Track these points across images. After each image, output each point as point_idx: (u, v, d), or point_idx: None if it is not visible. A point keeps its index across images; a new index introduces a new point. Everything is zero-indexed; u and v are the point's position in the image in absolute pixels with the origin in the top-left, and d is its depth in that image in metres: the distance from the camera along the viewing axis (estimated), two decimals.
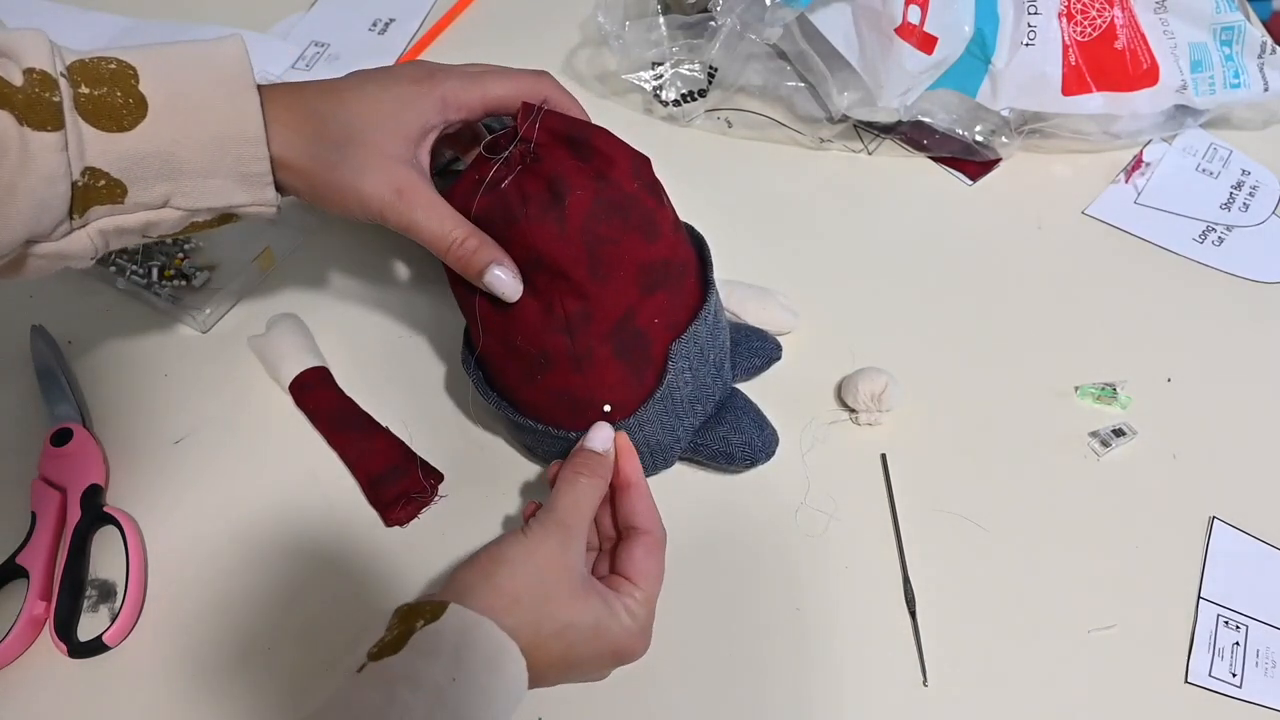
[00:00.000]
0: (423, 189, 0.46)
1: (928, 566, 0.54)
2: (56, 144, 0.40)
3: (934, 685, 0.50)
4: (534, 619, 0.41)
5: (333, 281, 0.66)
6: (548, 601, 0.42)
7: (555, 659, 0.42)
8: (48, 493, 0.54)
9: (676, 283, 0.51)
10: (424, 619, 0.39)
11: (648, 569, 0.45)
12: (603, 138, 0.48)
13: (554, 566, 0.42)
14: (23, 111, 0.39)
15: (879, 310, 0.65)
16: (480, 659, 0.38)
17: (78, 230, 0.43)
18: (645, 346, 0.50)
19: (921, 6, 0.67)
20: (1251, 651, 0.52)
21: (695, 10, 0.75)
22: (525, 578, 0.42)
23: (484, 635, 0.39)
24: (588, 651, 0.43)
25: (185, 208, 0.44)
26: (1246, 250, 0.70)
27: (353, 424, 0.58)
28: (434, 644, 0.38)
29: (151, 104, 0.41)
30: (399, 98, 0.46)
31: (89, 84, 0.40)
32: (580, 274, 0.47)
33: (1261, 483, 0.58)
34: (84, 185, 0.41)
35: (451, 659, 0.38)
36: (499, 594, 0.41)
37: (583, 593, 0.43)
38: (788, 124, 0.75)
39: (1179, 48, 0.73)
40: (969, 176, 0.74)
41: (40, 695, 0.49)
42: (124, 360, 0.62)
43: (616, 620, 0.43)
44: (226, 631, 0.51)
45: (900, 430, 0.59)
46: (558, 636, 0.42)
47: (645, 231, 0.48)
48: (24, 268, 0.43)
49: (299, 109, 0.45)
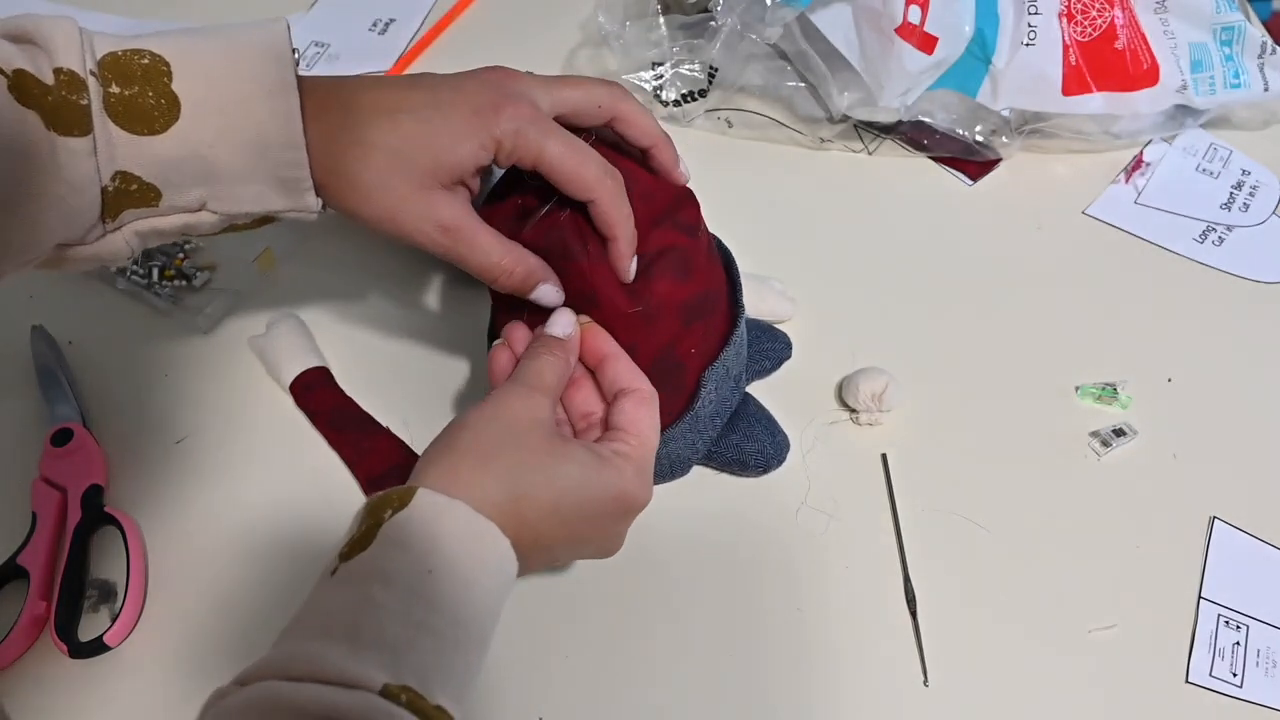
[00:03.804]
0: (468, 225, 0.44)
1: (928, 566, 0.54)
2: (85, 149, 0.38)
3: (934, 685, 0.50)
4: (510, 479, 0.38)
5: (333, 281, 0.66)
6: (521, 452, 0.39)
7: (545, 518, 0.39)
8: (48, 493, 0.54)
9: (712, 311, 0.51)
10: (391, 508, 0.37)
11: (638, 418, 0.43)
12: (648, 182, 0.48)
13: (521, 419, 0.40)
14: (50, 115, 0.38)
15: (880, 310, 0.65)
16: (457, 545, 0.36)
17: (112, 233, 0.41)
18: (680, 375, 0.50)
19: (922, 6, 0.67)
20: (1252, 651, 0.52)
21: (695, 10, 0.75)
22: (492, 435, 0.39)
23: (458, 518, 0.37)
24: (581, 502, 0.40)
25: (222, 212, 0.43)
26: (1246, 250, 0.70)
27: (353, 424, 0.58)
28: (404, 534, 0.36)
29: (185, 105, 0.39)
30: (452, 132, 0.42)
31: (120, 83, 0.39)
32: (632, 316, 0.47)
33: (1262, 483, 0.58)
34: (115, 190, 0.40)
35: (425, 548, 0.36)
36: (465, 458, 0.39)
37: (561, 442, 0.40)
38: (788, 124, 0.75)
39: (1179, 48, 0.73)
40: (969, 176, 0.74)
41: (41, 695, 0.49)
42: (124, 360, 0.62)
43: (608, 464, 0.40)
44: (227, 632, 0.51)
45: (900, 430, 0.59)
46: (544, 488, 0.39)
47: (685, 271, 0.48)
48: (61, 266, 0.42)
49: (346, 132, 0.42)
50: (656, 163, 0.49)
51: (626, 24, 0.75)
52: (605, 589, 0.53)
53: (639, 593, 0.53)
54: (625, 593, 0.53)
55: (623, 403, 0.44)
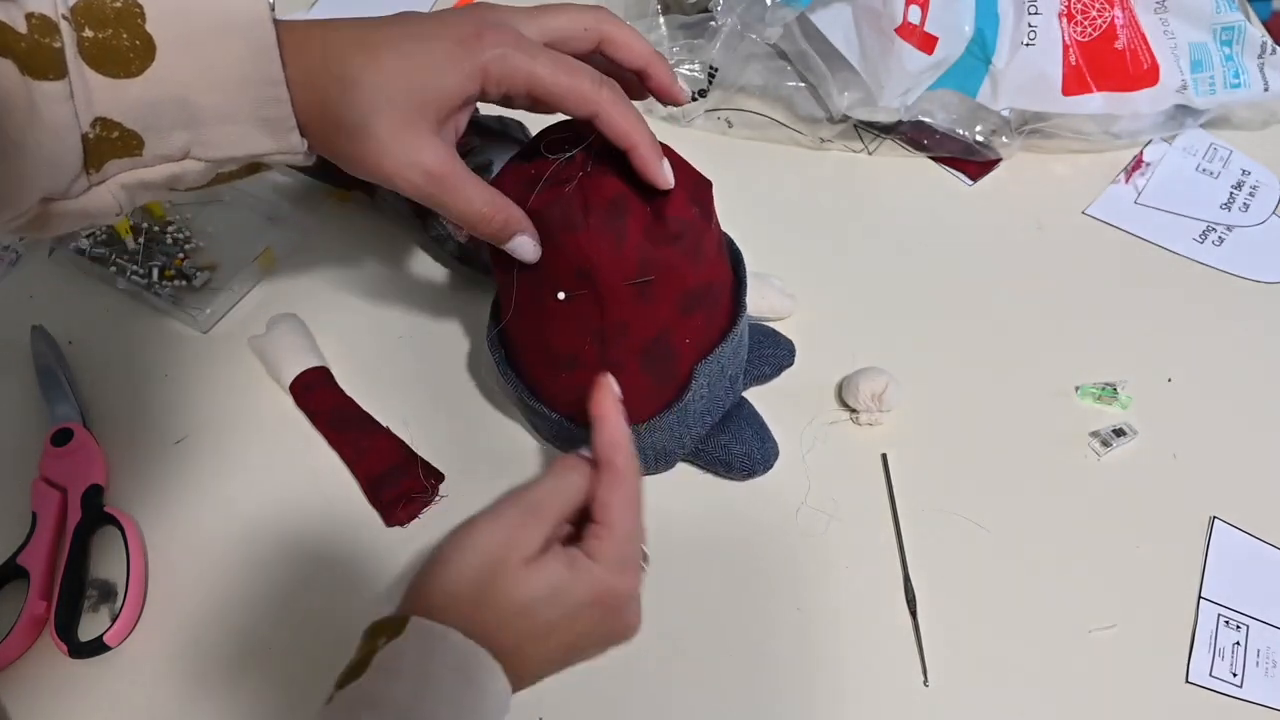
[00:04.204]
0: (451, 171, 0.43)
1: (928, 566, 0.54)
2: (61, 93, 0.38)
3: (934, 685, 0.50)
4: (489, 609, 0.39)
5: (333, 281, 0.66)
6: (496, 582, 0.39)
7: (525, 640, 0.39)
8: (48, 493, 0.54)
9: (713, 304, 0.51)
10: (385, 636, 0.37)
11: (609, 503, 0.42)
12: (666, 155, 0.46)
13: (499, 545, 0.40)
14: (24, 60, 0.37)
15: (880, 310, 0.65)
16: (448, 671, 0.37)
17: (97, 186, 0.41)
18: (673, 363, 0.50)
19: (922, 6, 0.67)
20: (1252, 651, 0.52)
21: (695, 10, 0.75)
22: (471, 568, 0.40)
23: (449, 646, 0.37)
24: (556, 616, 0.40)
25: (207, 158, 0.42)
26: (1246, 250, 0.70)
27: (353, 424, 0.58)
28: (396, 662, 0.36)
29: (159, 45, 0.38)
30: (435, 64, 0.41)
31: (93, 26, 0.38)
32: (628, 292, 0.46)
33: (1261, 483, 0.58)
34: (96, 137, 0.39)
35: (416, 675, 0.36)
36: (444, 593, 0.39)
37: (536, 562, 0.40)
38: (788, 124, 0.75)
39: (1179, 48, 0.73)
40: (969, 176, 0.74)
41: (41, 695, 0.49)
42: (124, 360, 0.62)
43: (581, 570, 0.40)
44: (227, 631, 0.51)
45: (900, 430, 0.59)
46: (520, 615, 0.39)
47: (693, 256, 0.47)
48: (48, 224, 0.41)
49: (326, 68, 0.41)
50: (653, 84, 0.47)
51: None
52: None
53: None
54: None
55: (594, 490, 0.43)
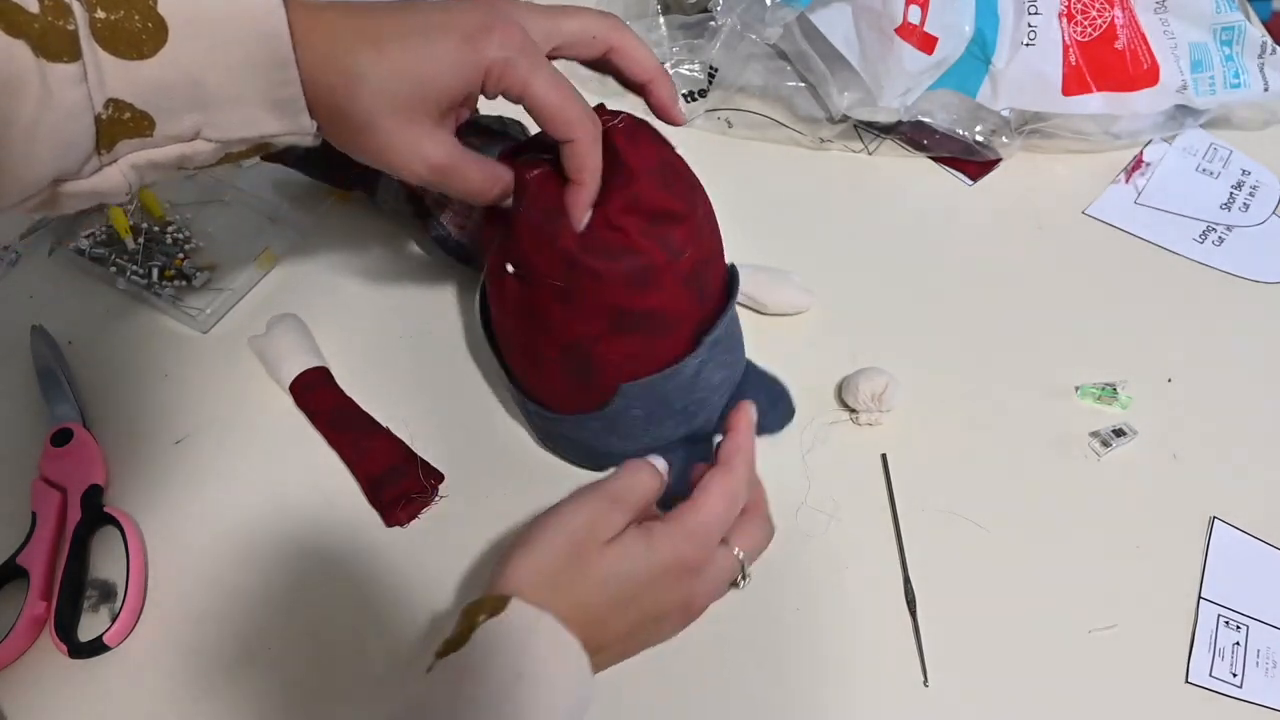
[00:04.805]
0: (452, 161, 0.44)
1: (928, 566, 0.54)
2: (75, 76, 0.38)
3: (934, 685, 0.50)
4: (576, 584, 0.41)
5: (333, 281, 0.66)
6: (581, 559, 0.41)
7: (608, 609, 0.41)
8: (48, 493, 0.54)
9: (660, 333, 0.49)
10: (485, 614, 0.39)
11: (706, 486, 0.44)
12: (648, 182, 0.46)
13: (583, 527, 0.42)
14: (38, 42, 0.37)
15: (880, 310, 0.65)
16: (543, 653, 0.39)
17: (108, 166, 0.41)
18: (593, 374, 0.50)
19: (922, 6, 0.67)
20: (1252, 651, 0.52)
21: (695, 10, 0.75)
22: (558, 547, 0.42)
23: (545, 629, 0.39)
24: (636, 584, 0.42)
25: (217, 139, 0.42)
26: (1246, 250, 0.70)
27: (353, 424, 0.58)
28: (497, 640, 0.38)
29: (172, 27, 0.39)
30: (439, 60, 0.42)
31: (105, 8, 0.38)
32: (549, 290, 0.47)
33: (1261, 483, 0.58)
34: (108, 118, 0.39)
35: (515, 654, 0.38)
36: (532, 570, 0.41)
37: (617, 539, 0.42)
38: (788, 124, 0.75)
39: (1179, 48, 0.73)
40: (969, 176, 0.74)
41: (41, 695, 0.49)
42: (124, 360, 0.62)
43: (656, 538, 0.42)
44: (227, 631, 0.51)
45: (900, 430, 0.59)
46: (602, 586, 0.41)
47: (636, 282, 0.47)
48: (57, 204, 0.42)
49: (332, 60, 0.42)
50: (653, 99, 0.48)
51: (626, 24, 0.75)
52: None
53: None
54: None
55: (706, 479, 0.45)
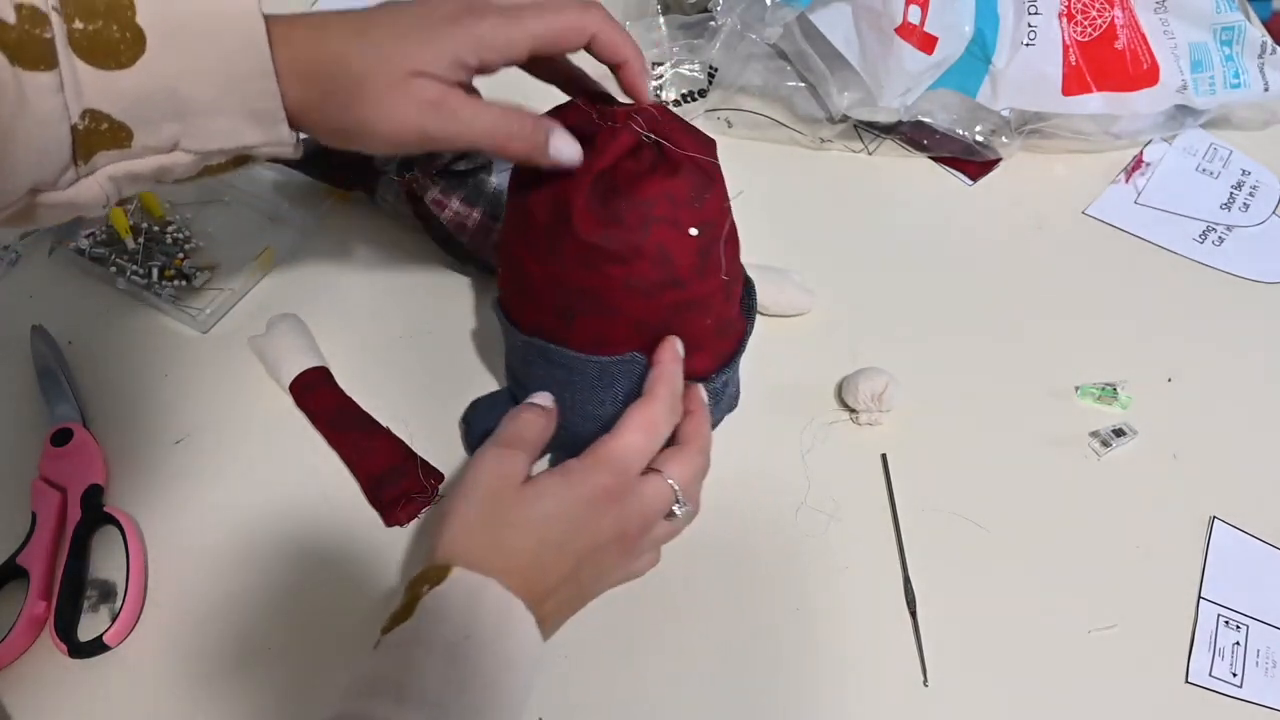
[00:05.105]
0: (454, 93, 0.42)
1: (928, 566, 0.54)
2: (51, 85, 0.38)
3: (934, 685, 0.50)
4: (503, 530, 0.41)
5: (333, 281, 0.66)
6: (500, 507, 0.42)
7: (544, 550, 0.42)
8: (48, 493, 0.54)
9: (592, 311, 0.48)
10: (428, 585, 0.40)
11: (625, 416, 0.45)
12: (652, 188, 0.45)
13: (493, 481, 0.43)
14: (14, 51, 0.37)
15: (880, 310, 0.65)
16: (488, 614, 0.39)
17: (85, 178, 0.41)
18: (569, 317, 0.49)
19: (922, 6, 0.67)
20: (1252, 651, 0.52)
21: (695, 10, 0.75)
22: (476, 505, 0.43)
23: (489, 593, 0.40)
24: (565, 522, 0.42)
25: (196, 150, 0.42)
26: (1246, 250, 0.70)
27: (353, 424, 0.58)
28: (442, 607, 0.39)
29: (150, 37, 0.39)
30: (429, 34, 0.42)
31: (83, 18, 0.38)
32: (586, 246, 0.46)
33: (1261, 483, 0.58)
34: (85, 129, 0.39)
35: (462, 619, 0.38)
36: (462, 533, 0.42)
37: (531, 481, 0.43)
38: (788, 124, 0.75)
39: (1179, 48, 0.73)
40: (969, 176, 0.74)
41: (41, 695, 0.49)
42: (124, 360, 0.62)
43: (572, 473, 0.43)
44: (227, 631, 0.51)
45: (900, 430, 0.59)
46: (531, 528, 0.42)
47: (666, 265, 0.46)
48: (34, 216, 0.42)
49: (317, 48, 0.42)
50: (625, 81, 0.47)
51: (626, 24, 0.75)
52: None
53: (639, 593, 0.53)
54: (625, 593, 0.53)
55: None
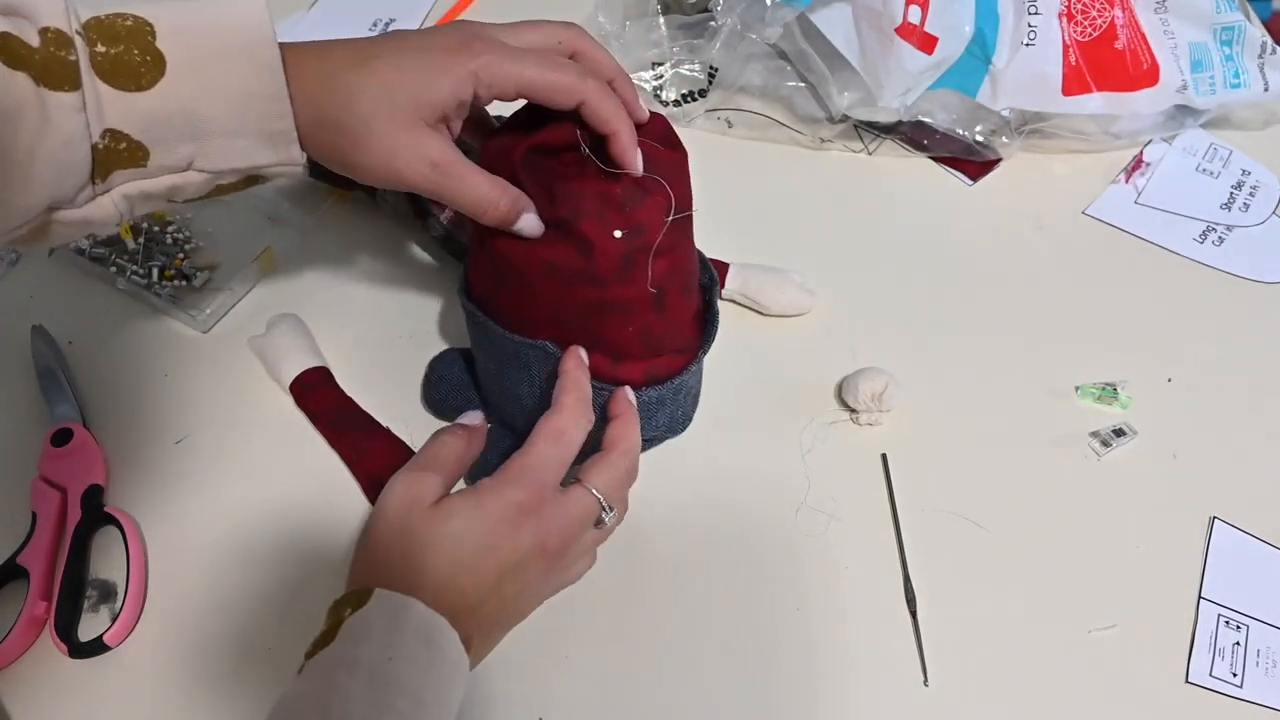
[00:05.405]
0: (456, 160, 0.45)
1: (928, 566, 0.54)
2: (75, 104, 0.39)
3: (934, 685, 0.50)
4: (413, 554, 0.41)
5: (333, 281, 0.66)
6: (410, 529, 0.41)
7: (459, 572, 0.41)
8: (48, 493, 0.54)
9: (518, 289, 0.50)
10: (350, 608, 0.39)
11: (534, 430, 0.45)
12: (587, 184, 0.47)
13: (400, 508, 0.42)
14: (39, 73, 0.38)
15: (880, 310, 0.65)
16: (411, 633, 0.39)
17: (101, 196, 0.42)
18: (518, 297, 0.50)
19: (922, 6, 0.67)
20: (1252, 651, 0.52)
21: (695, 10, 0.75)
22: (388, 528, 0.42)
23: (412, 613, 0.39)
24: (476, 540, 0.42)
25: (209, 169, 0.43)
26: (1246, 250, 0.70)
27: (353, 424, 0.58)
28: (364, 628, 0.38)
29: (170, 61, 0.40)
30: (429, 67, 0.44)
31: (105, 41, 0.40)
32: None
33: (1261, 483, 0.58)
34: (105, 148, 0.41)
35: (383, 638, 0.38)
36: (374, 561, 0.42)
37: (440, 502, 0.42)
38: (788, 124, 0.75)
39: (1179, 48, 0.73)
40: (969, 176, 0.74)
41: (41, 695, 0.49)
42: (124, 360, 0.62)
43: (483, 492, 0.42)
44: (227, 631, 0.51)
45: (900, 430, 0.59)
46: (440, 549, 0.41)
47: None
48: (48, 234, 0.43)
49: (326, 80, 0.44)
50: (612, 152, 0.48)
51: (626, 24, 0.75)
52: (605, 590, 0.53)
53: (639, 593, 0.53)
54: (625, 593, 0.53)
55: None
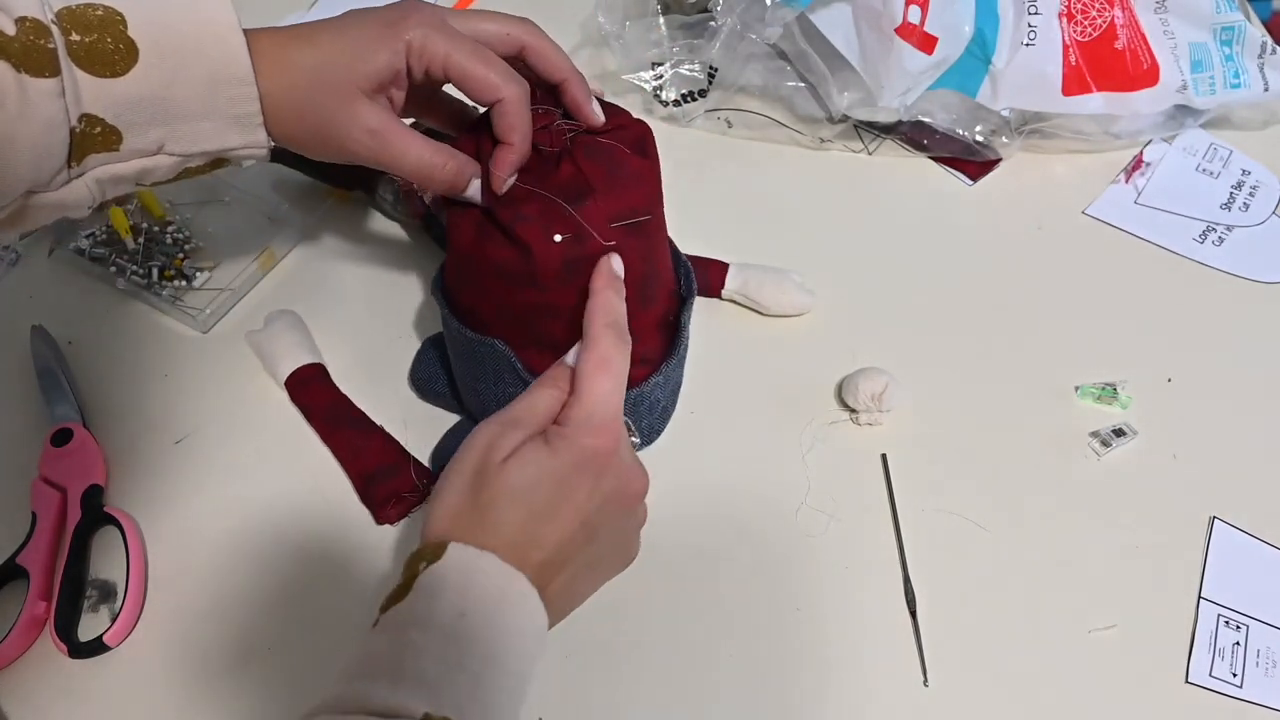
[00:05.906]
0: (394, 126, 0.47)
1: (928, 566, 0.54)
2: (54, 90, 0.40)
3: (934, 685, 0.50)
4: (487, 508, 0.40)
5: (333, 281, 0.66)
6: (484, 482, 0.41)
7: (533, 522, 0.40)
8: (48, 493, 0.54)
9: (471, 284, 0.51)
10: (425, 561, 0.39)
11: (580, 370, 0.42)
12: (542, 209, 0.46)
13: (479, 455, 0.41)
14: (19, 59, 0.40)
15: (880, 310, 0.65)
16: (487, 590, 0.39)
17: (75, 179, 0.43)
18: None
19: (921, 6, 0.67)
20: (1252, 651, 0.52)
21: (695, 10, 0.75)
22: (461, 481, 0.41)
23: (487, 567, 0.39)
24: (550, 490, 0.40)
25: (179, 153, 0.45)
26: (1246, 250, 0.70)
27: (347, 421, 0.58)
28: (438, 584, 0.38)
29: (141, 49, 0.42)
30: (366, 38, 0.46)
31: (79, 30, 0.41)
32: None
33: (1261, 483, 0.58)
34: (81, 132, 0.42)
35: (458, 596, 0.38)
36: (447, 513, 0.40)
37: (515, 453, 0.41)
38: (788, 124, 0.75)
39: (1179, 48, 0.73)
40: (969, 176, 0.74)
41: (40, 695, 0.49)
42: (124, 360, 0.62)
43: (555, 440, 0.41)
44: (226, 631, 0.51)
45: (900, 430, 0.59)
46: (515, 501, 0.40)
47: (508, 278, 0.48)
48: (24, 218, 0.44)
49: (280, 61, 0.45)
50: (568, 98, 0.49)
51: (626, 24, 0.75)
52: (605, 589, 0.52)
53: (639, 593, 0.53)
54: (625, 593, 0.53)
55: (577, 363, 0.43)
